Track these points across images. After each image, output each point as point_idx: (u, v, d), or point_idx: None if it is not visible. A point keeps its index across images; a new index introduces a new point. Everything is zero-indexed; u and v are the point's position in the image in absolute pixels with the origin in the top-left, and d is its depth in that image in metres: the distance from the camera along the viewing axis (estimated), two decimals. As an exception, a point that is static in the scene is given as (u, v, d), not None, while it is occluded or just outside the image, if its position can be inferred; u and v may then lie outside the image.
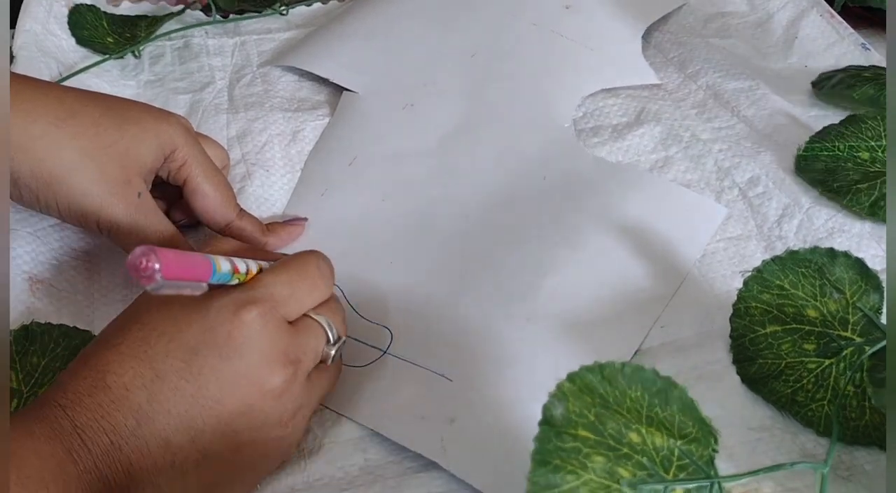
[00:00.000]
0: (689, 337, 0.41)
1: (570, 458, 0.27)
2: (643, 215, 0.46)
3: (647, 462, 0.28)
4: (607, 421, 0.28)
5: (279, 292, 0.33)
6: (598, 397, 0.28)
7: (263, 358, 0.32)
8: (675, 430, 0.29)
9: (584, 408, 0.28)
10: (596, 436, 0.28)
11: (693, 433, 0.29)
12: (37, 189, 0.39)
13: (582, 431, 0.27)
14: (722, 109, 0.53)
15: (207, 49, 0.60)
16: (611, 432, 0.28)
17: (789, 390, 0.37)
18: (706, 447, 0.29)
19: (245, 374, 0.32)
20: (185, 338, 0.32)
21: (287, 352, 0.33)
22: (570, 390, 0.28)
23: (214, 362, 0.31)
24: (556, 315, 0.41)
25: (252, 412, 0.32)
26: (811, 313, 0.38)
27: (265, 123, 0.53)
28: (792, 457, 0.36)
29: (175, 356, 0.31)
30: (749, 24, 0.61)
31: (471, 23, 0.58)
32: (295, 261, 0.35)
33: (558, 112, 0.52)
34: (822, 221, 0.45)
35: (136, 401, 0.30)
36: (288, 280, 0.34)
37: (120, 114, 0.41)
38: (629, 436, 0.28)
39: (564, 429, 0.27)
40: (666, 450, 0.28)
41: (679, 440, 0.29)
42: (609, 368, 0.29)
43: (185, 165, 0.42)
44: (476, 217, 0.47)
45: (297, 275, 0.35)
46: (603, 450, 0.27)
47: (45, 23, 0.57)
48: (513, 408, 0.37)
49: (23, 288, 0.42)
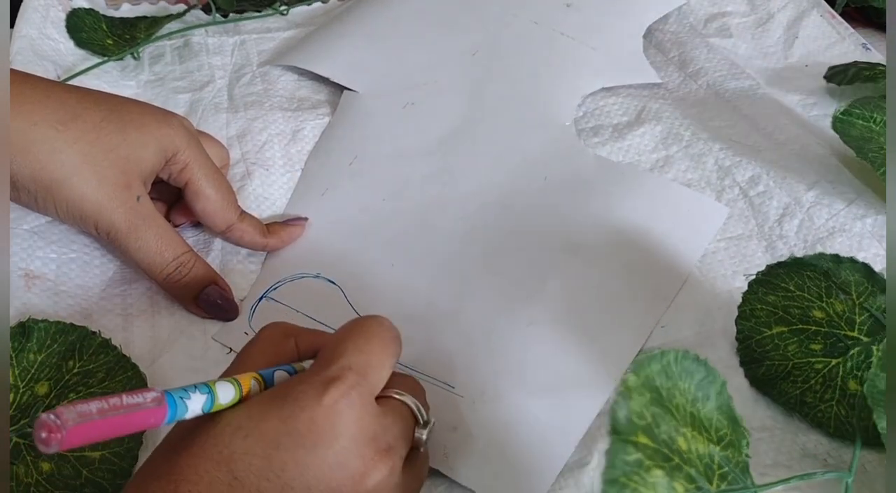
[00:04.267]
0: (689, 337, 0.41)
1: (634, 474, 0.26)
2: (645, 216, 0.45)
3: (696, 474, 0.27)
4: (661, 423, 0.27)
5: (355, 361, 0.30)
6: (655, 393, 0.28)
7: (353, 446, 0.28)
8: (712, 431, 0.29)
9: (644, 407, 0.27)
10: (653, 443, 0.27)
11: (728, 435, 0.29)
12: (36, 192, 0.39)
13: (641, 437, 0.27)
14: (723, 107, 0.53)
15: (207, 48, 0.60)
16: (664, 437, 0.27)
17: (798, 392, 0.37)
18: (739, 453, 0.29)
19: (334, 465, 0.28)
20: (264, 431, 0.28)
21: (377, 438, 0.29)
22: (635, 384, 0.27)
23: (299, 456, 0.28)
24: (557, 320, 0.41)
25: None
26: (817, 314, 0.38)
27: (265, 123, 0.53)
28: (793, 458, 0.36)
29: (254, 454, 0.28)
30: (749, 23, 0.61)
31: (471, 21, 0.58)
32: (356, 326, 0.32)
33: (559, 111, 0.52)
34: (823, 221, 0.45)
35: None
36: (356, 347, 0.30)
37: (122, 117, 0.41)
38: (678, 441, 0.27)
39: (628, 437, 0.26)
40: (707, 457, 0.28)
41: (717, 444, 0.29)
42: (670, 355, 0.28)
43: (186, 168, 0.42)
44: (477, 217, 0.47)
45: (364, 339, 0.31)
46: (660, 461, 0.27)
47: (42, 27, 0.57)
48: (515, 415, 0.37)
49: (19, 284, 0.42)
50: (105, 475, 0.35)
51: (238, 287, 0.44)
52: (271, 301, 0.43)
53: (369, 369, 0.30)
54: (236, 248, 0.46)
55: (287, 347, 0.33)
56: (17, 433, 0.35)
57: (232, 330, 0.42)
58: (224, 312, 0.42)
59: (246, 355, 0.32)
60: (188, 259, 0.42)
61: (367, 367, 0.30)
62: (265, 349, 0.32)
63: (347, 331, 0.31)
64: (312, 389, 0.28)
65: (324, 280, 0.44)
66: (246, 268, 0.45)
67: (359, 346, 0.30)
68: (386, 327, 0.32)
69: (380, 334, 0.31)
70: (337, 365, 0.29)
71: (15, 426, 0.35)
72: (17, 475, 0.34)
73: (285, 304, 0.43)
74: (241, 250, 0.46)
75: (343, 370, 0.29)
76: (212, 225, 0.44)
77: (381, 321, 0.32)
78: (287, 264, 0.45)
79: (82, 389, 0.37)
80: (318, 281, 0.44)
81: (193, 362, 0.41)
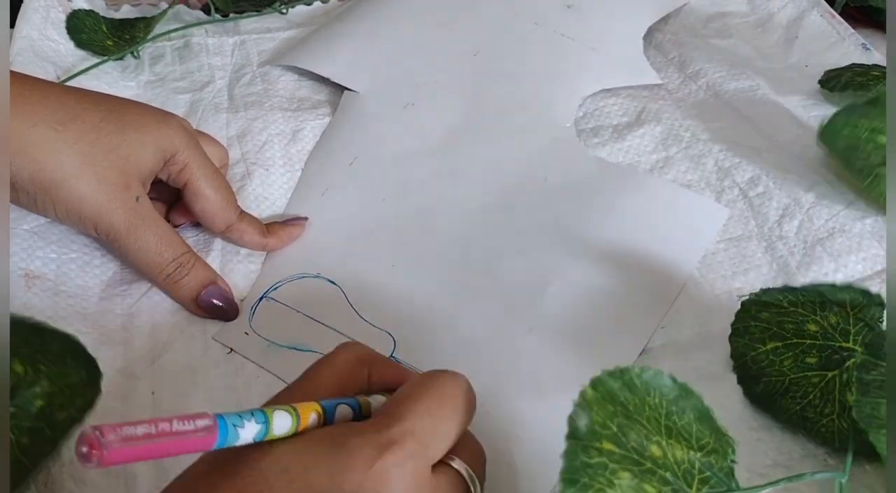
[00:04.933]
0: (689, 338, 0.41)
1: (598, 475, 0.26)
2: (645, 217, 0.46)
3: (671, 476, 0.27)
4: (629, 432, 0.27)
5: (420, 427, 0.27)
6: (620, 406, 0.27)
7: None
8: (693, 440, 0.28)
9: (608, 418, 0.27)
10: (620, 449, 0.27)
11: (710, 444, 0.29)
12: (35, 193, 0.39)
13: (606, 444, 0.27)
14: (723, 109, 0.53)
15: (207, 48, 0.60)
16: (633, 445, 0.27)
17: (798, 407, 0.36)
18: (724, 458, 0.28)
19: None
20: (310, 482, 0.26)
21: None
22: (594, 398, 0.27)
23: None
24: (558, 324, 0.41)
25: None
26: (811, 328, 0.37)
27: (265, 123, 0.53)
28: (793, 457, 0.36)
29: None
30: (749, 24, 0.61)
31: (472, 22, 0.58)
32: (432, 383, 0.29)
33: (559, 112, 0.52)
34: (823, 221, 0.45)
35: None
36: (427, 409, 0.28)
37: (120, 117, 0.41)
38: (650, 449, 0.27)
39: (590, 443, 0.26)
40: (687, 463, 0.28)
41: (698, 451, 0.28)
42: (628, 373, 0.28)
43: (185, 169, 0.42)
44: (477, 218, 0.47)
45: (438, 402, 0.28)
46: (628, 465, 0.27)
47: (42, 29, 0.57)
48: (515, 420, 0.37)
49: (19, 284, 0.42)
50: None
51: (238, 287, 0.44)
52: (271, 301, 0.43)
53: (433, 439, 0.28)
54: (236, 248, 0.46)
55: (359, 375, 0.31)
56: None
57: (232, 330, 0.42)
58: (224, 312, 0.42)
59: (317, 374, 0.31)
60: (188, 259, 0.42)
61: (431, 435, 0.28)
62: (338, 373, 0.31)
63: (422, 386, 0.29)
64: (369, 448, 0.26)
65: (324, 280, 0.44)
66: (246, 268, 0.45)
67: (430, 409, 0.28)
68: (464, 389, 0.30)
69: (454, 399, 0.29)
70: (400, 427, 0.27)
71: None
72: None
73: (286, 304, 0.43)
74: (240, 250, 0.46)
75: (405, 436, 0.27)
76: (211, 225, 0.44)
77: (461, 383, 0.30)
78: (287, 264, 0.45)
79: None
80: (318, 281, 0.44)
81: (193, 361, 0.41)
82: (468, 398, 0.30)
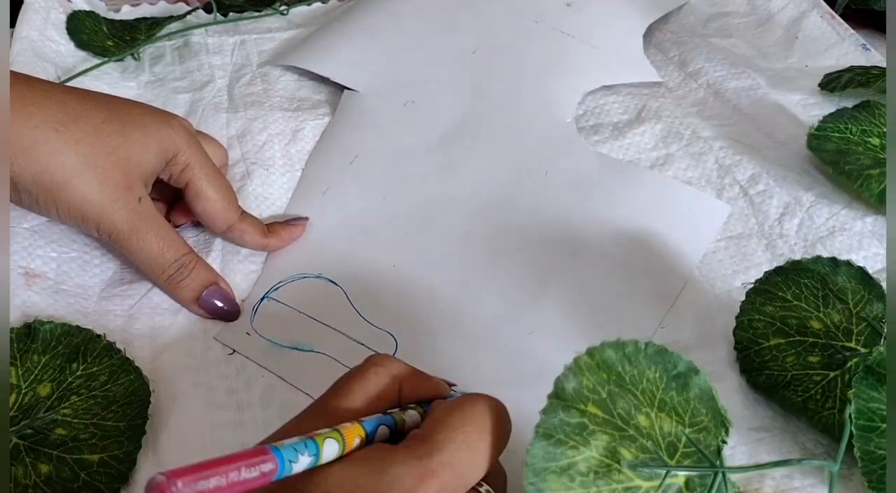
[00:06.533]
0: (689, 337, 0.41)
1: (574, 434, 0.26)
2: (647, 214, 0.46)
3: (651, 446, 0.27)
4: (619, 400, 0.27)
5: (458, 459, 0.27)
6: (615, 375, 0.27)
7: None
8: (686, 417, 0.28)
9: (598, 384, 0.27)
10: (605, 414, 0.26)
11: (704, 422, 0.28)
12: (37, 194, 0.38)
13: (591, 407, 0.26)
14: (723, 106, 0.53)
15: (207, 48, 0.60)
16: (620, 412, 0.27)
17: (800, 399, 0.36)
18: (715, 438, 0.28)
19: None
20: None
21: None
22: (587, 364, 0.27)
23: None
24: (559, 325, 0.41)
25: None
26: (815, 325, 0.38)
27: (265, 123, 0.53)
28: (793, 457, 0.36)
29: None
30: (750, 24, 0.61)
31: (472, 20, 0.58)
32: (473, 411, 0.29)
33: (560, 109, 0.52)
34: (823, 220, 0.45)
35: None
36: (466, 440, 0.28)
37: (122, 118, 0.40)
38: (638, 418, 0.27)
39: (573, 403, 0.26)
40: (673, 436, 0.28)
41: (688, 427, 0.28)
42: (632, 345, 0.28)
43: (186, 169, 0.42)
44: (478, 217, 0.47)
45: (477, 433, 0.28)
46: (609, 429, 0.26)
47: (43, 29, 0.57)
48: (517, 420, 0.37)
49: (19, 283, 0.42)
50: (103, 479, 0.34)
51: (239, 288, 0.44)
52: (273, 301, 0.43)
53: (470, 470, 0.28)
54: (237, 248, 0.46)
55: (391, 392, 0.31)
56: (17, 434, 0.35)
57: (233, 330, 0.42)
58: (226, 313, 0.42)
59: (349, 390, 0.31)
60: (189, 260, 0.42)
61: (468, 467, 0.28)
62: (368, 389, 0.31)
63: (461, 413, 0.29)
64: (409, 478, 0.26)
65: (325, 280, 0.44)
66: (247, 268, 0.45)
67: (469, 440, 0.28)
68: (503, 418, 0.30)
69: (493, 430, 0.29)
70: (440, 457, 0.27)
71: (16, 427, 0.35)
72: (16, 477, 0.34)
73: (287, 304, 0.43)
74: (241, 251, 0.46)
75: (444, 466, 0.27)
76: (212, 225, 0.44)
77: (500, 413, 0.30)
78: (288, 264, 0.45)
79: (84, 391, 0.37)
80: (319, 281, 0.44)
81: (194, 361, 0.41)
82: (504, 428, 0.30)
